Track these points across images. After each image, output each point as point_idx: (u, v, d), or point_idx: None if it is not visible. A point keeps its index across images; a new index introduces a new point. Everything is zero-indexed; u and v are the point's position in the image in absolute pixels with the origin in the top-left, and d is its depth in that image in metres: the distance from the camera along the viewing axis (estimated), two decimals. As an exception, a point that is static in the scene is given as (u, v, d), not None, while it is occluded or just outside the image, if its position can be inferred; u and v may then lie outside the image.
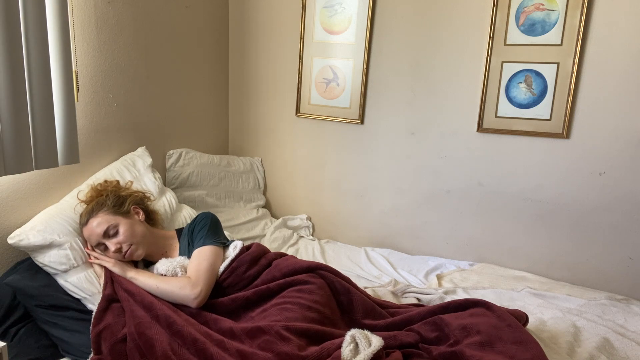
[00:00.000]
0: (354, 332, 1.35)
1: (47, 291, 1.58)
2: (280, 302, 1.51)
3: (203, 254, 1.62)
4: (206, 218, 1.75)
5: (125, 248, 1.64)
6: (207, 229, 1.71)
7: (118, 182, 1.84)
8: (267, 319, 1.44)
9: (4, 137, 1.57)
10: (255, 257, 1.68)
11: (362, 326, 1.52)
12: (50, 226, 1.66)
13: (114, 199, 1.70)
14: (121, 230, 1.64)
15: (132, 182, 1.89)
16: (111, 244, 1.63)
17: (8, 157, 1.58)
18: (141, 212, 1.76)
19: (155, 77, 2.31)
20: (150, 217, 1.83)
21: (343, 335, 1.37)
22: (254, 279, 1.64)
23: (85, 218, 1.67)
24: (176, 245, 1.78)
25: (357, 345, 1.32)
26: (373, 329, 1.45)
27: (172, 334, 1.37)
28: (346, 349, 1.29)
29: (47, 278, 1.63)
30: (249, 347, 1.33)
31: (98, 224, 1.64)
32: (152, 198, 1.91)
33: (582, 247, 2.19)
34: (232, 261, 1.65)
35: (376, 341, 1.33)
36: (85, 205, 1.73)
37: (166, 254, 1.75)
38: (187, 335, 1.35)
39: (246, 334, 1.38)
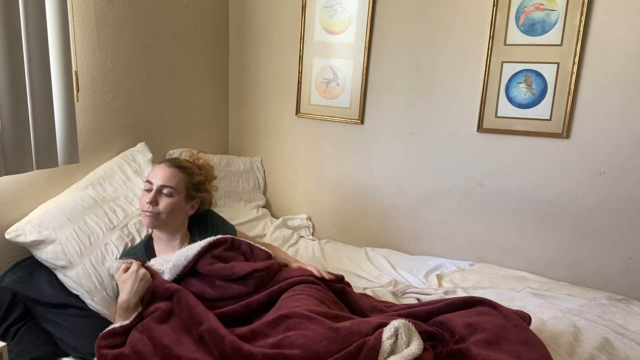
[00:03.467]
0: (399, 324, 1.29)
1: (45, 291, 1.58)
2: (294, 293, 1.51)
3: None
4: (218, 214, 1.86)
5: (154, 211, 1.64)
6: (225, 223, 1.84)
7: (214, 179, 1.89)
8: (284, 308, 1.43)
9: (4, 137, 1.57)
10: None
11: None
12: (46, 220, 1.66)
13: (198, 182, 1.74)
14: (171, 200, 1.65)
15: (217, 189, 1.93)
16: (153, 195, 1.64)
17: (8, 157, 1.58)
18: (195, 208, 1.77)
19: (155, 77, 2.31)
20: (197, 211, 1.83)
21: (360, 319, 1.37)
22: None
23: (173, 163, 1.71)
24: (187, 237, 1.78)
25: (397, 338, 1.27)
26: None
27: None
28: (387, 342, 1.24)
29: (45, 276, 1.62)
30: (275, 336, 1.30)
31: (172, 176, 1.66)
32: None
33: (582, 247, 2.19)
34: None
35: (415, 346, 1.25)
36: (184, 158, 1.82)
37: (175, 240, 1.75)
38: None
39: (269, 326, 1.34)
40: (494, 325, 1.40)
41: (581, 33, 2.04)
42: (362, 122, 2.54)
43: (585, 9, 2.01)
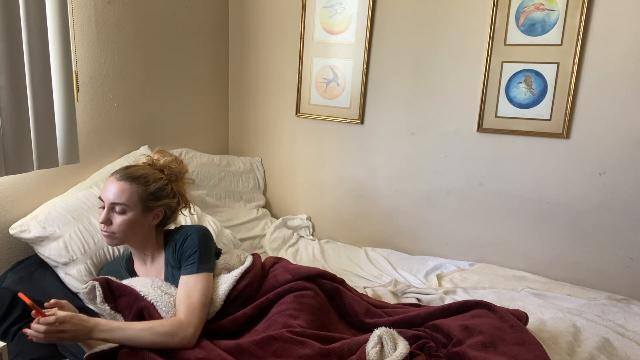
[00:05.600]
0: (381, 332, 1.31)
1: (45, 291, 1.58)
2: (283, 308, 1.46)
3: (194, 284, 1.43)
4: (197, 238, 1.52)
5: (109, 231, 1.47)
6: (199, 252, 1.49)
7: (185, 173, 1.63)
8: (274, 326, 1.39)
9: (4, 137, 1.57)
10: (259, 275, 1.60)
11: (364, 325, 1.51)
12: (51, 217, 1.67)
13: (157, 190, 1.50)
14: (125, 218, 1.45)
15: (193, 181, 1.70)
16: (104, 214, 1.46)
17: (9, 157, 1.58)
18: (160, 217, 1.54)
19: (155, 77, 2.31)
20: (165, 219, 1.59)
21: (349, 338, 1.35)
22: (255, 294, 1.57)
23: (123, 175, 1.48)
24: (160, 252, 1.58)
25: (382, 346, 1.28)
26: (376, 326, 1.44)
27: None
28: (372, 350, 1.25)
29: (46, 277, 1.63)
30: (263, 359, 1.27)
31: (122, 191, 1.45)
32: (191, 212, 1.69)
33: (582, 247, 2.19)
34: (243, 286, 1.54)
35: (402, 347, 1.27)
36: (143, 162, 1.58)
37: (147, 256, 1.58)
38: None
39: (256, 345, 1.30)
40: (490, 327, 1.40)
41: (581, 33, 2.04)
42: (362, 122, 2.54)
43: (585, 9, 2.01)
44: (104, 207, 1.48)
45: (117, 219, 1.46)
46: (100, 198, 1.50)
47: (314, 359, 1.25)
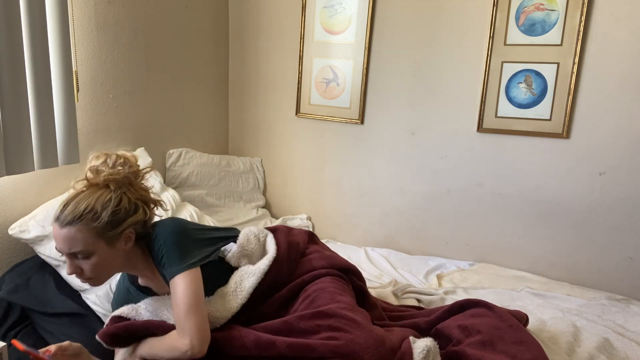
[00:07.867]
0: (430, 344, 1.29)
1: (41, 299, 1.58)
2: (325, 286, 1.41)
3: (174, 290, 1.26)
4: (162, 241, 1.31)
5: (83, 278, 1.26)
6: (170, 252, 1.29)
7: (136, 172, 1.33)
8: (319, 301, 1.34)
9: (5, 137, 1.57)
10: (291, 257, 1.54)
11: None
12: (50, 215, 1.67)
13: (111, 218, 1.22)
14: (92, 262, 1.22)
15: (152, 169, 1.46)
16: (69, 265, 1.24)
17: (9, 157, 1.59)
18: (132, 238, 1.30)
19: (155, 77, 2.31)
20: (139, 233, 1.33)
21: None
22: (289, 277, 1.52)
23: (64, 220, 1.20)
24: (150, 270, 1.39)
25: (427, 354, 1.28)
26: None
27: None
28: (419, 354, 1.25)
29: (40, 283, 1.62)
30: (317, 333, 1.23)
31: (71, 238, 1.19)
32: (165, 208, 1.44)
33: (582, 247, 2.19)
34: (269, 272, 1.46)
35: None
36: (80, 189, 1.26)
37: (146, 275, 1.40)
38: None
39: (307, 320, 1.26)
40: (489, 327, 1.40)
41: (581, 33, 2.04)
42: (362, 122, 2.54)
43: (585, 9, 2.01)
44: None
45: (86, 265, 1.23)
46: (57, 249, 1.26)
47: (372, 342, 1.21)
